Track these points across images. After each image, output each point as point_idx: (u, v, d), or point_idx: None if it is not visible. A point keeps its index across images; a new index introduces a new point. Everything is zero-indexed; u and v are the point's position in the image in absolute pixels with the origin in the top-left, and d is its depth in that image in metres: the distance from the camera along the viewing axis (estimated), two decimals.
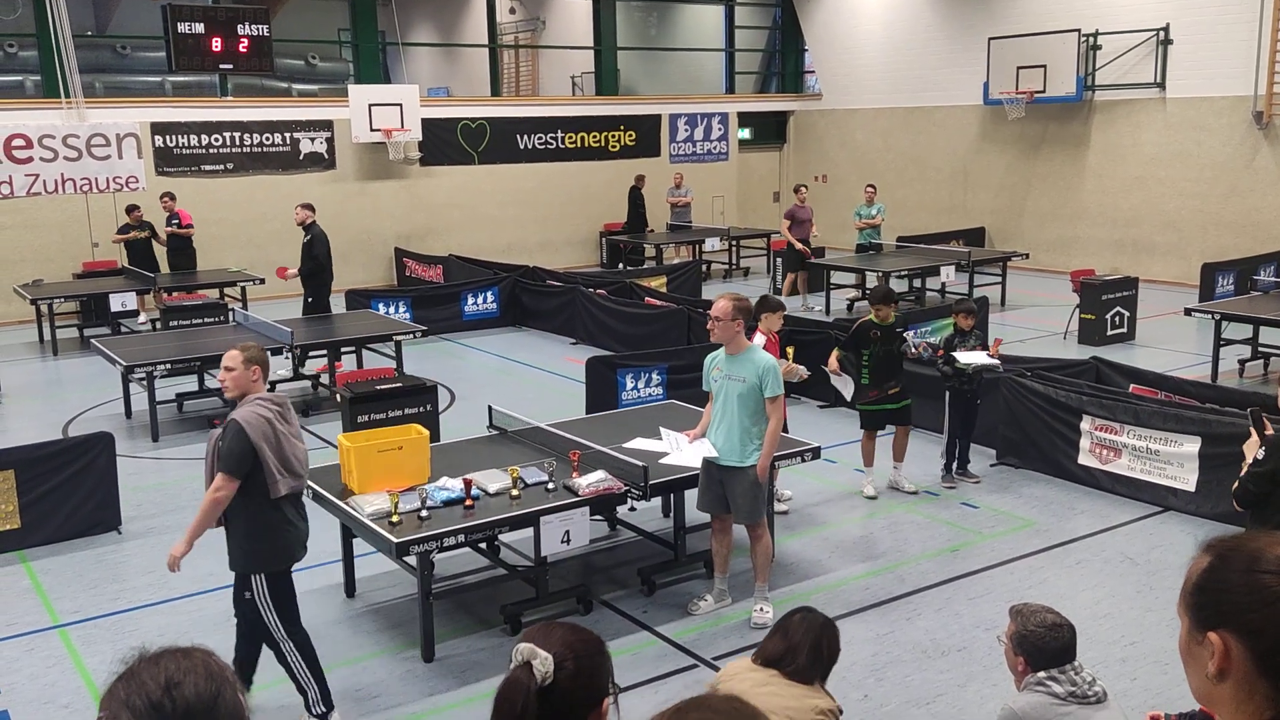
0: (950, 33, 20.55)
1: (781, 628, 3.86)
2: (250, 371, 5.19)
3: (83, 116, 16.50)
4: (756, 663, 3.82)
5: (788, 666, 3.73)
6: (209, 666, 1.56)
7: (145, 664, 1.55)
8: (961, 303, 8.95)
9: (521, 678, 1.93)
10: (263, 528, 5.09)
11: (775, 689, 3.67)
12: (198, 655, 1.58)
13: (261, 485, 5.02)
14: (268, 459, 5.00)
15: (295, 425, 5.27)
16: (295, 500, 5.23)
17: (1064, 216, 19.26)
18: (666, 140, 22.25)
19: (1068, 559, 7.23)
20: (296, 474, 5.17)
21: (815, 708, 3.64)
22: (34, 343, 14.52)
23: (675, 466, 6.72)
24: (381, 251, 19.18)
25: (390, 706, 5.51)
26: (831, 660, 3.84)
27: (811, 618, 3.88)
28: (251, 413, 5.05)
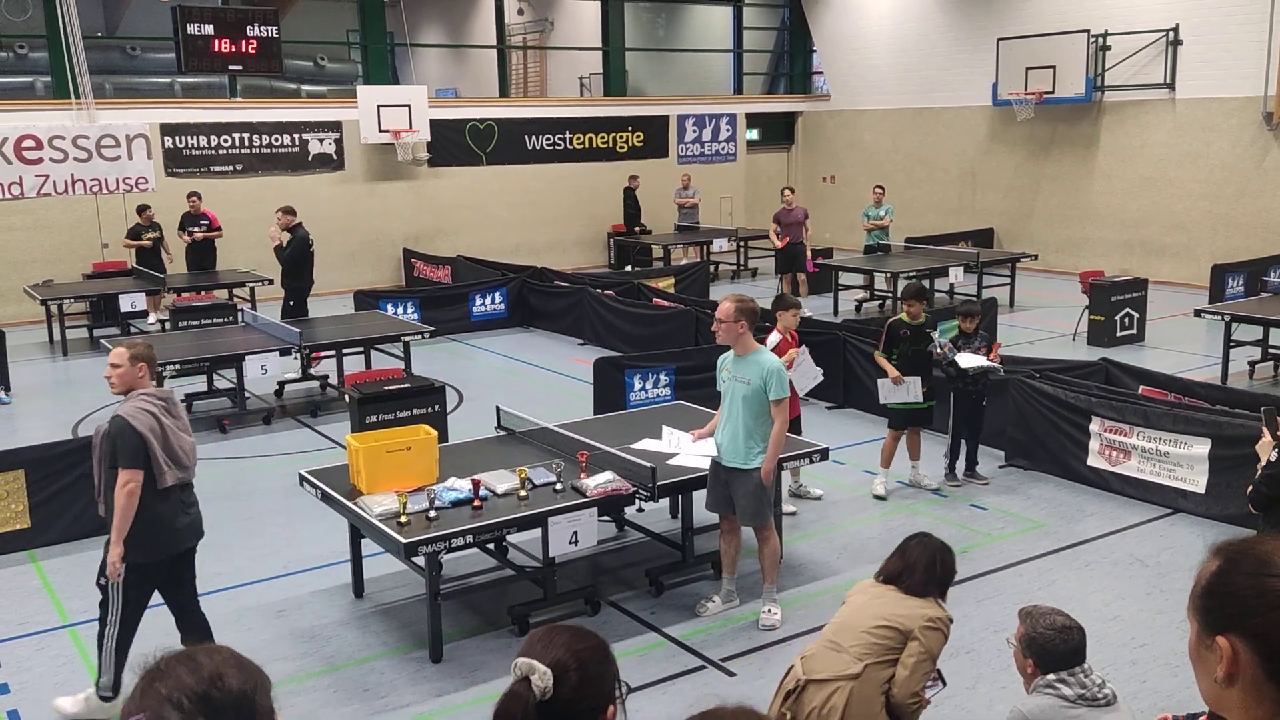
0: (959, 34, 20.51)
1: (901, 550, 4.33)
2: (136, 368, 5.32)
3: (93, 117, 16.56)
4: (878, 580, 4.31)
5: (904, 582, 4.21)
6: (239, 660, 1.58)
7: (177, 662, 1.55)
8: (964, 305, 8.96)
9: (520, 692, 1.92)
10: (149, 517, 5.23)
11: (890, 599, 4.17)
12: (226, 651, 1.59)
13: (150, 477, 5.17)
14: (155, 451, 5.16)
15: (183, 419, 5.42)
16: (184, 490, 5.38)
17: (1073, 217, 19.21)
18: (674, 141, 22.25)
19: (1077, 561, 7.21)
20: (183, 466, 5.33)
21: (925, 616, 4.10)
22: (44, 343, 14.57)
23: (683, 467, 6.72)
24: (390, 252, 19.21)
25: (399, 706, 5.52)
26: (945, 578, 4.25)
27: (928, 540, 4.31)
28: (135, 408, 5.20)
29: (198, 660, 1.55)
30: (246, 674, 1.56)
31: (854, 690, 3.97)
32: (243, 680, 1.54)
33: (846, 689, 3.97)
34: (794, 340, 8.29)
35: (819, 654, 4.14)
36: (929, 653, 4.04)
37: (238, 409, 10.86)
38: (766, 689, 5.59)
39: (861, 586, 4.37)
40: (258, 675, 1.57)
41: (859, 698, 3.96)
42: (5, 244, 15.90)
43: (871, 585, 4.31)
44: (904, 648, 4.03)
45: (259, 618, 6.52)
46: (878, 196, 17.00)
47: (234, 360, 10.57)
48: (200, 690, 1.51)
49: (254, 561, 7.35)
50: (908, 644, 4.03)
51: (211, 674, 1.53)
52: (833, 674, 4.02)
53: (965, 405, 8.56)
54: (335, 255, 18.78)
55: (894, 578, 4.24)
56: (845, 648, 4.06)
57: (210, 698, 1.51)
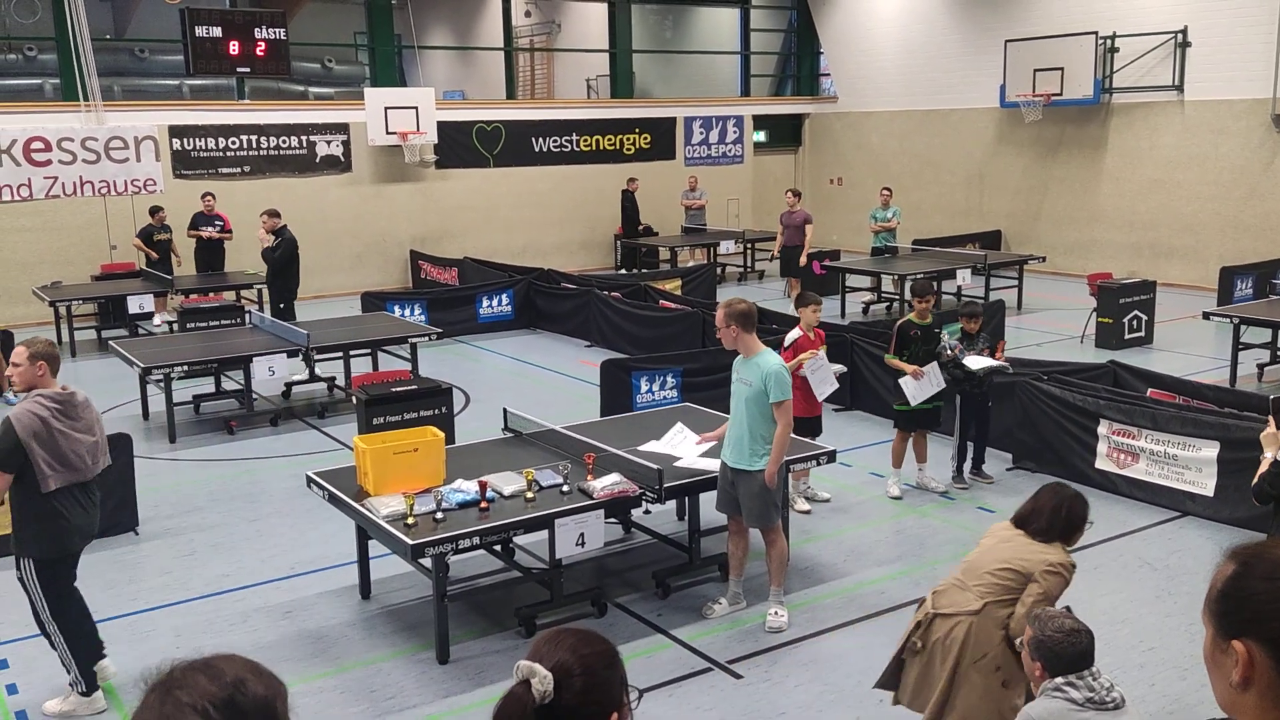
0: (966, 35, 20.49)
1: (1034, 496, 4.55)
2: (36, 367, 5.35)
3: (101, 119, 16.61)
4: (1011, 524, 4.54)
5: (1030, 526, 4.43)
6: (257, 667, 1.58)
7: (195, 670, 1.54)
8: (966, 306, 8.96)
9: (520, 694, 1.91)
10: (32, 516, 5.26)
11: (1015, 544, 4.40)
12: (240, 659, 1.59)
13: (33, 478, 5.18)
14: (36, 455, 5.15)
15: (84, 420, 5.40)
16: (75, 492, 5.35)
17: (1081, 220, 19.17)
18: (681, 143, 22.25)
19: (1085, 564, 7.13)
20: (74, 468, 5.30)
21: (1046, 560, 4.30)
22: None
23: (690, 469, 6.72)
24: (397, 254, 19.23)
25: (405, 707, 5.52)
26: (1070, 524, 4.41)
27: (1060, 489, 4.54)
28: (25, 410, 5.21)
29: (217, 667, 1.54)
30: (266, 681, 1.56)
31: (973, 625, 4.32)
32: (265, 687, 1.54)
33: (967, 623, 4.33)
34: (818, 338, 8.26)
35: (947, 590, 4.50)
36: (1047, 595, 4.25)
37: (245, 410, 10.87)
38: (774, 691, 5.59)
39: (994, 529, 4.64)
40: (277, 683, 1.57)
41: (978, 631, 4.31)
42: (14, 245, 15.94)
43: (1004, 528, 4.56)
44: (1024, 589, 4.29)
45: (266, 619, 6.53)
46: (885, 198, 16.98)
47: (242, 362, 10.59)
48: (224, 696, 1.50)
49: (261, 563, 7.36)
50: (1028, 585, 4.28)
51: (234, 680, 1.52)
52: (956, 609, 4.38)
53: (972, 407, 8.55)
54: (342, 257, 18.83)
55: (1021, 521, 4.49)
56: (969, 586, 4.41)
57: (235, 703, 1.50)
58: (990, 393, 8.62)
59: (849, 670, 5.80)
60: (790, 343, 8.20)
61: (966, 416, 8.57)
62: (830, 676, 5.75)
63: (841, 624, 6.34)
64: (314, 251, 18.46)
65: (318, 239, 18.55)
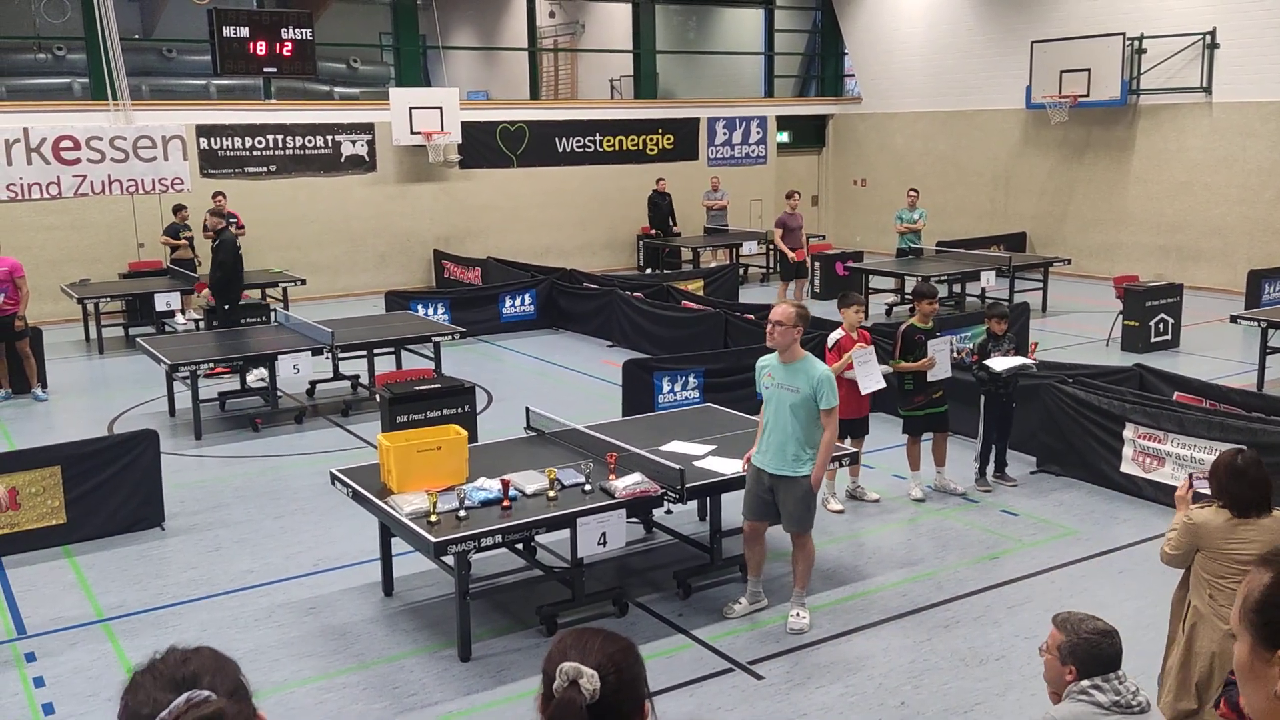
0: (992, 36, 20.38)
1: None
2: None
3: (129, 119, 16.76)
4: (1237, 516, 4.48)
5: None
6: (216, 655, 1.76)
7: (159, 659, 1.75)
8: (994, 307, 8.91)
9: (573, 697, 1.94)
10: None
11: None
12: (205, 649, 1.77)
13: None
14: None
15: None
16: None
17: (1107, 222, 19.03)
18: (704, 144, 22.23)
19: (1110, 568, 7.14)
20: None
21: None
22: (80, 341, 14.76)
23: (711, 470, 6.72)
24: (420, 253, 19.32)
25: (427, 704, 5.54)
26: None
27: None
28: None
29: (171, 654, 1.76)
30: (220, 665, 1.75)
31: None
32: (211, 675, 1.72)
33: None
34: (862, 338, 8.23)
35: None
36: None
37: (270, 408, 10.95)
38: (795, 692, 5.59)
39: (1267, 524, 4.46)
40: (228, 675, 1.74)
41: None
42: (43, 243, 16.11)
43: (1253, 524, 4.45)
44: None
45: (290, 614, 6.57)
46: (912, 200, 16.90)
47: (267, 359, 10.67)
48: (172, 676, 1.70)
49: (286, 559, 7.41)
50: None
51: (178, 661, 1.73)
52: None
53: (996, 408, 8.51)
54: (367, 256, 18.93)
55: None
56: None
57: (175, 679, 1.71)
58: (1014, 394, 8.58)
59: (870, 672, 5.78)
60: (834, 343, 8.18)
61: (990, 418, 8.52)
62: (851, 678, 5.73)
63: (863, 626, 6.32)
64: (338, 250, 18.63)
65: (342, 238, 18.68)
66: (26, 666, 6.00)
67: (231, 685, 1.72)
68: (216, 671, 1.72)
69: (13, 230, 15.30)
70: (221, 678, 1.72)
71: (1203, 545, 4.57)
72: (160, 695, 1.66)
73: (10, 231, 15.12)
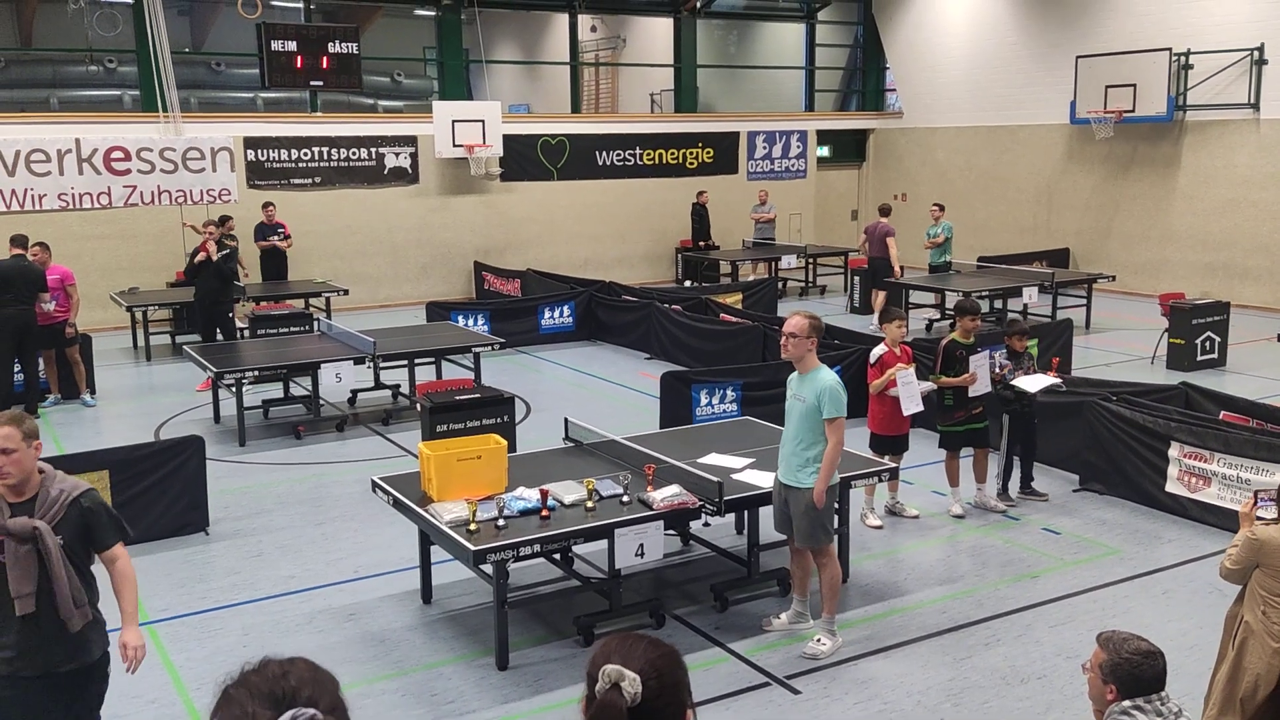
0: (1036, 51, 20.24)
1: None
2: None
3: (179, 130, 17.06)
4: None
5: None
6: (312, 667, 1.68)
7: (251, 670, 1.66)
8: (1014, 324, 8.87)
9: (614, 700, 1.95)
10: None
11: None
12: (300, 661, 1.68)
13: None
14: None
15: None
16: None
17: (1153, 239, 18.80)
18: (744, 157, 22.25)
19: (1154, 588, 7.04)
20: None
21: None
22: (129, 348, 15.01)
23: (749, 484, 6.71)
24: (461, 265, 19.47)
25: (465, 712, 5.57)
26: None
27: None
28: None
29: (267, 667, 1.67)
30: (314, 681, 1.66)
31: None
32: (311, 687, 1.64)
33: None
34: (904, 354, 8.19)
35: None
36: None
37: (312, 416, 11.08)
38: (833, 708, 5.56)
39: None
40: (325, 686, 1.67)
41: None
42: (93, 252, 16.41)
43: None
44: None
45: (330, 620, 6.64)
46: (935, 215, 16.84)
47: (309, 368, 10.80)
48: (266, 690, 1.62)
49: (327, 565, 7.49)
50: None
51: (277, 675, 1.65)
52: None
53: (1021, 425, 8.47)
54: (409, 267, 19.11)
55: None
56: None
57: (272, 695, 1.62)
58: (1036, 411, 8.54)
59: (909, 689, 5.74)
60: (876, 359, 8.15)
61: (1015, 434, 8.48)
62: (890, 695, 5.69)
63: (901, 642, 6.28)
64: (380, 261, 18.82)
65: (384, 249, 18.87)
66: None
67: (331, 701, 1.64)
68: (315, 685, 1.64)
69: (64, 239, 15.60)
70: (320, 691, 1.63)
71: (1264, 562, 4.58)
72: (258, 709, 1.57)
73: (62, 240, 15.42)
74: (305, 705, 1.59)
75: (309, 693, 1.62)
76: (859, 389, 8.67)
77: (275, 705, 1.58)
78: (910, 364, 8.12)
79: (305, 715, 1.56)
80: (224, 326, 12.93)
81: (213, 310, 12.82)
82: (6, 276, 11.10)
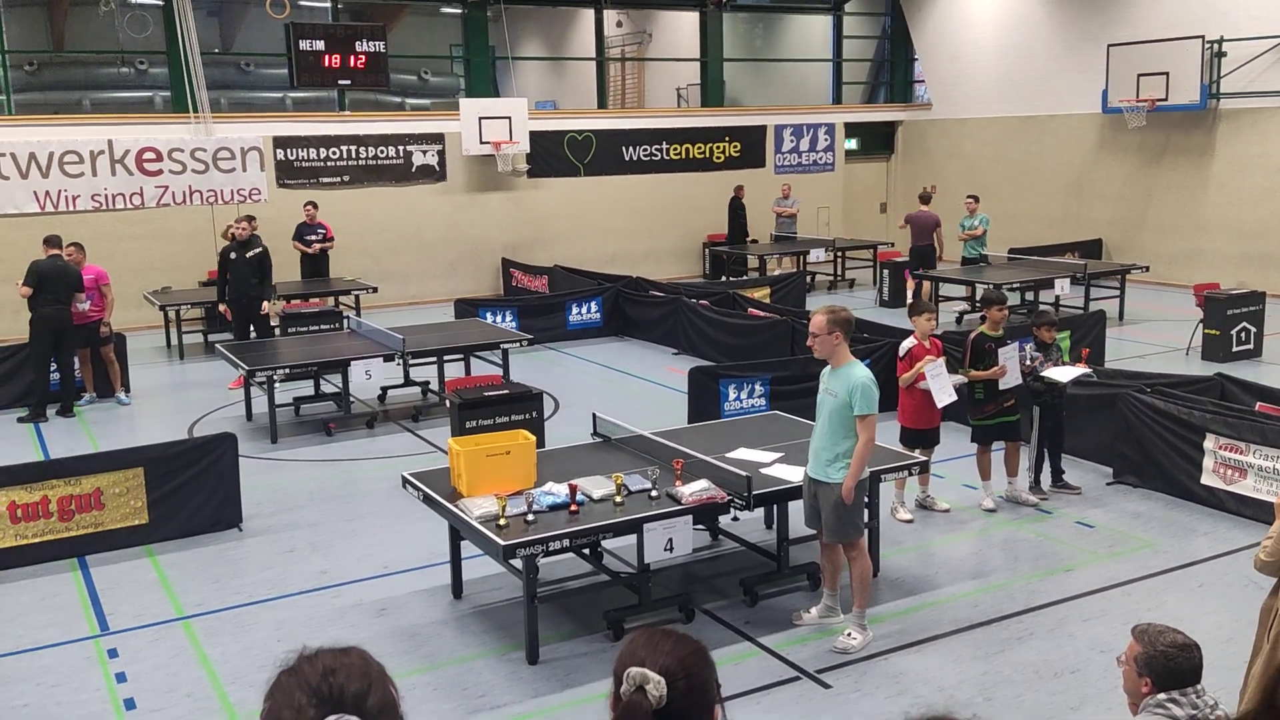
0: (1067, 40, 20.03)
1: None
2: None
3: (209, 131, 17.22)
4: None
5: None
6: (365, 660, 1.67)
7: (304, 658, 1.66)
8: (1042, 315, 8.78)
9: (639, 701, 1.95)
10: None
11: None
12: (355, 653, 1.68)
13: None
14: None
15: None
16: None
17: (1187, 229, 18.57)
18: (772, 151, 22.18)
19: (1189, 582, 6.96)
20: None
21: None
22: (162, 347, 15.17)
23: (778, 478, 6.69)
24: (489, 261, 19.53)
25: (496, 706, 5.60)
26: None
27: None
28: None
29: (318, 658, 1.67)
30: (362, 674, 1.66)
31: None
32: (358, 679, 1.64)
33: None
34: (934, 347, 8.14)
35: None
36: None
37: (343, 413, 11.15)
38: (863, 702, 5.54)
39: None
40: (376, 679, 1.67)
41: None
42: (126, 252, 16.59)
43: None
44: None
45: (362, 615, 6.69)
46: (971, 207, 16.69)
47: (340, 365, 10.87)
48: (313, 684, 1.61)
49: (358, 561, 7.54)
50: None
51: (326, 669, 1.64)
52: None
53: (1050, 417, 8.40)
54: (437, 264, 19.20)
55: None
56: None
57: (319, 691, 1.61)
58: (1065, 403, 8.46)
59: (941, 684, 5.71)
60: (905, 352, 8.11)
61: (1045, 427, 8.41)
62: (921, 690, 5.66)
63: (932, 637, 6.24)
64: (409, 259, 18.92)
65: (413, 247, 18.97)
66: (110, 662, 6.18)
67: (380, 699, 1.63)
68: (364, 681, 1.63)
69: (98, 239, 15.76)
70: (369, 687, 1.63)
71: None
72: (304, 701, 1.57)
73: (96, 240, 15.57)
74: (353, 703, 1.59)
75: (357, 688, 1.62)
76: (888, 382, 8.61)
77: (322, 703, 1.58)
78: (940, 356, 8.07)
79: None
80: (258, 323, 13.03)
81: (248, 308, 12.91)
82: (44, 276, 11.26)
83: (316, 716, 1.56)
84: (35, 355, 11.48)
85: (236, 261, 12.75)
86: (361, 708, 1.59)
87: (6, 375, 11.94)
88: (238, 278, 12.74)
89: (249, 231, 13.01)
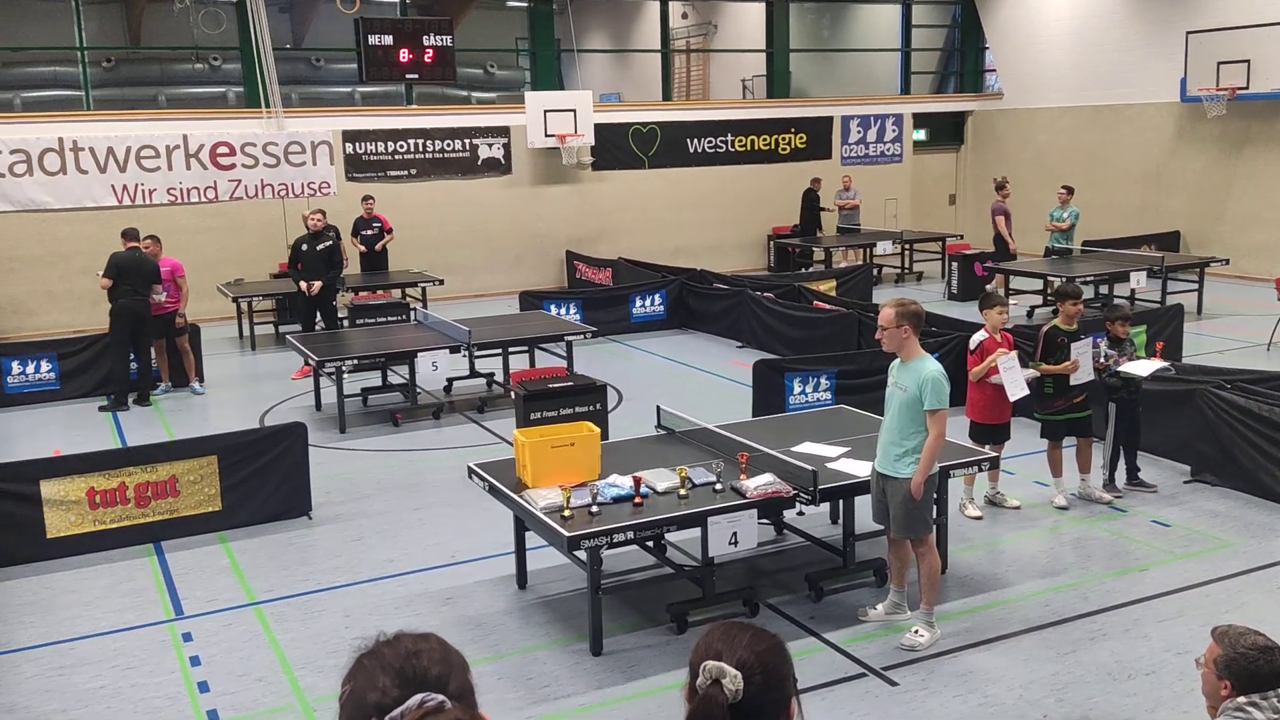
0: (1143, 27, 19.52)
1: None
2: None
3: (281, 125, 17.52)
4: None
5: None
6: (444, 646, 1.68)
7: (384, 642, 1.67)
8: (1116, 309, 8.57)
9: (715, 695, 1.94)
10: None
11: None
12: (433, 638, 1.69)
13: None
14: None
15: None
16: None
17: (1269, 220, 18.00)
18: (838, 142, 21.95)
19: (1269, 583, 6.76)
20: None
21: None
22: (234, 338, 15.48)
23: (844, 472, 6.62)
24: (554, 254, 19.61)
25: (560, 697, 5.62)
26: None
27: None
28: None
29: (401, 641, 1.68)
30: (443, 659, 1.67)
31: None
32: (439, 664, 1.65)
33: None
34: (1005, 341, 8.00)
35: None
36: None
37: (410, 404, 11.28)
38: (930, 700, 5.46)
39: None
40: (454, 663, 1.68)
41: None
42: (201, 245, 16.94)
43: None
44: None
45: (428, 604, 6.76)
46: (1063, 198, 16.31)
47: (407, 357, 11.00)
48: (397, 665, 1.62)
49: (424, 550, 7.62)
50: None
51: (408, 652, 1.64)
52: None
53: (1127, 413, 8.20)
54: (502, 257, 19.33)
55: None
56: None
57: (401, 671, 1.61)
58: (1141, 399, 8.25)
59: (1010, 684, 5.61)
60: (976, 346, 7.97)
61: (1121, 423, 8.21)
62: (990, 689, 5.57)
63: (1002, 635, 6.13)
64: (475, 251, 19.08)
65: (479, 239, 19.12)
66: (184, 646, 6.32)
67: (460, 685, 1.64)
68: (445, 666, 1.64)
69: (173, 232, 16.13)
70: (450, 673, 1.64)
71: None
72: (388, 684, 1.58)
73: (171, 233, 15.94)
74: (435, 687, 1.60)
75: (438, 672, 1.63)
76: (958, 376, 8.47)
77: (405, 683, 1.59)
78: (1011, 350, 7.92)
79: (434, 701, 1.56)
80: (327, 314, 13.22)
81: (319, 298, 13.09)
82: (123, 268, 11.56)
83: (401, 697, 1.56)
84: (114, 345, 11.78)
85: (308, 253, 12.94)
86: (444, 691, 1.60)
87: (87, 364, 12.27)
88: (309, 269, 12.93)
89: (321, 224, 13.18)
